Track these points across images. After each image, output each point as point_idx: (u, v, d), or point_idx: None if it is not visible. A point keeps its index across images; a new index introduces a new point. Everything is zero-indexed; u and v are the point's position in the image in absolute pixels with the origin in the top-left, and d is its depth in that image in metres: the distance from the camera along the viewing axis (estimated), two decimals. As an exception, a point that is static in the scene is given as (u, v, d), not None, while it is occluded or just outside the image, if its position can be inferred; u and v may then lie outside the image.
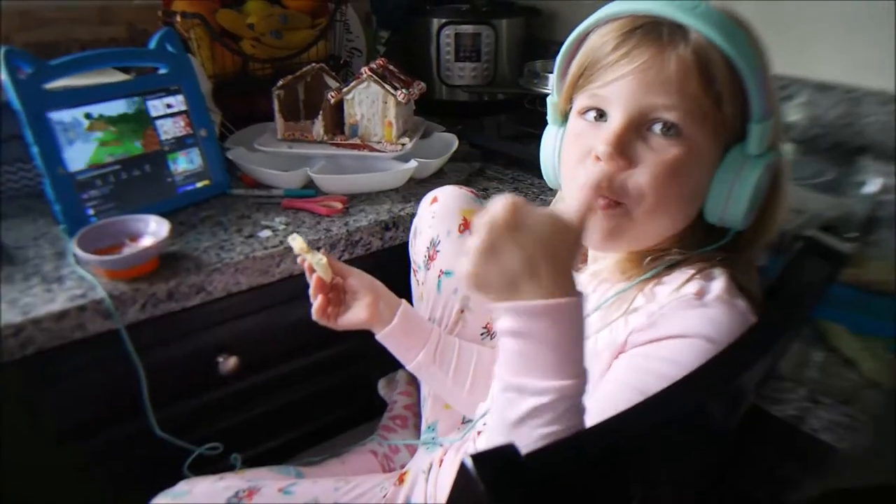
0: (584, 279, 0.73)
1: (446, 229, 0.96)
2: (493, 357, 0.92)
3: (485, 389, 0.92)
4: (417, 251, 1.01)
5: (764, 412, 0.71)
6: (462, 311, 0.96)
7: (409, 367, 0.91)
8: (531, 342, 0.51)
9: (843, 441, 0.66)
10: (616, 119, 0.63)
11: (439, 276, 0.97)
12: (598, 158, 0.63)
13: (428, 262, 0.98)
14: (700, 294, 0.61)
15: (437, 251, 0.96)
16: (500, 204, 0.51)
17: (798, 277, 0.67)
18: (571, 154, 0.68)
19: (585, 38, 0.68)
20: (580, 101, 0.67)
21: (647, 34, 0.61)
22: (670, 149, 0.61)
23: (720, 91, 0.60)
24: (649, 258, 0.67)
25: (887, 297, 0.82)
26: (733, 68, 0.60)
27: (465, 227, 0.95)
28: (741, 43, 0.60)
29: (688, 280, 0.63)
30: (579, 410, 0.52)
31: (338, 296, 0.88)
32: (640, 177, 0.62)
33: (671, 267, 0.65)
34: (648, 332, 0.61)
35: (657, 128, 0.62)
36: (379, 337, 0.89)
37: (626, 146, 0.62)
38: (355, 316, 0.87)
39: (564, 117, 0.72)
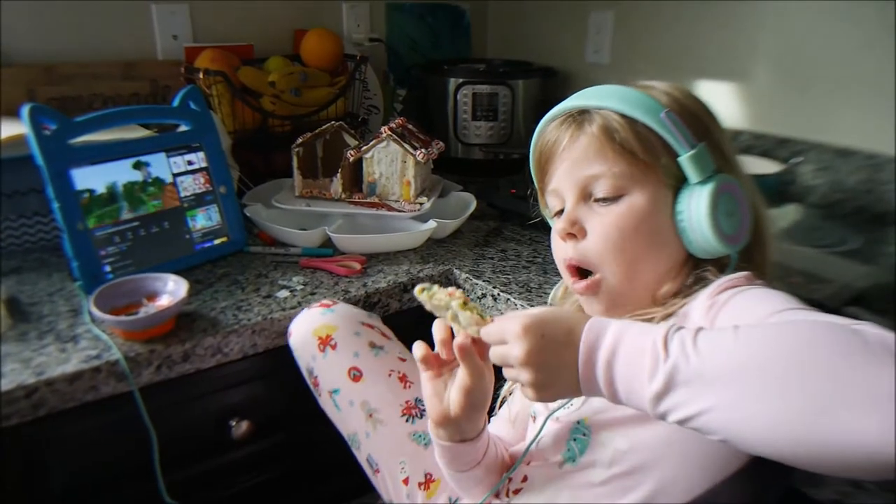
0: None
1: (310, 355, 0.94)
2: (498, 440, 0.87)
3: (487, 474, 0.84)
4: (307, 380, 0.98)
5: (803, 495, 0.68)
6: (371, 416, 0.92)
7: (455, 476, 0.81)
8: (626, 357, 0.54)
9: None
10: (568, 201, 0.73)
11: (330, 396, 0.94)
12: (561, 238, 0.74)
13: (315, 388, 0.95)
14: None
15: (316, 377, 0.94)
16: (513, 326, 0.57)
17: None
18: (553, 245, 0.77)
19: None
20: (549, 203, 0.78)
21: (563, 125, 0.73)
22: (612, 211, 0.70)
23: (632, 148, 0.68)
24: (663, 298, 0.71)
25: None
26: (641, 125, 0.68)
27: (323, 343, 0.92)
28: (635, 100, 0.69)
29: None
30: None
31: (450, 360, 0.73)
32: (595, 242, 0.70)
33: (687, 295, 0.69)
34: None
35: (597, 196, 0.71)
36: (445, 443, 0.77)
37: (577, 220, 0.72)
38: (455, 394, 0.72)
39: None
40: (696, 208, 0.67)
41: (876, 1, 1.18)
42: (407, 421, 0.93)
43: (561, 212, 0.75)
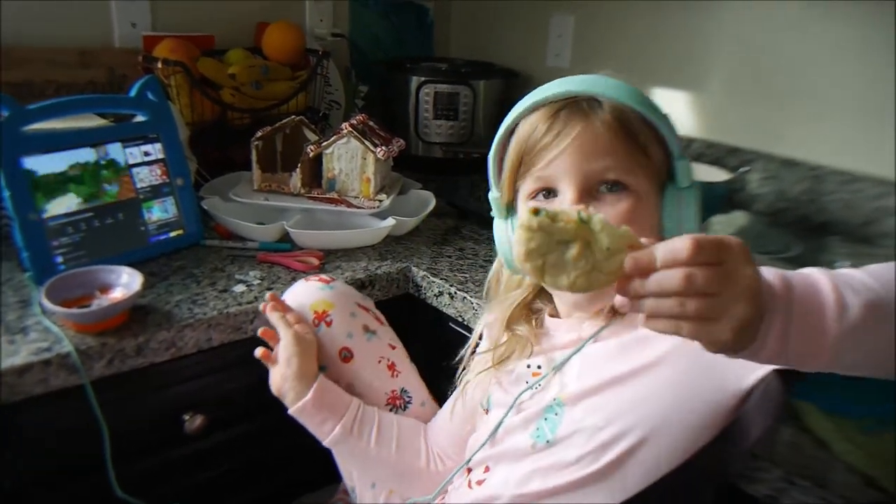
0: (587, 327, 0.74)
1: None
2: (413, 424, 0.92)
3: (412, 456, 0.90)
4: None
5: (738, 490, 0.72)
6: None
7: (326, 442, 0.88)
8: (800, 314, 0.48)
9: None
10: (567, 191, 0.69)
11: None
12: None
13: None
14: None
15: None
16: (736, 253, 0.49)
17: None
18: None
19: (513, 132, 0.75)
20: (527, 186, 0.73)
21: (570, 111, 0.70)
22: (621, 202, 0.69)
23: (644, 141, 0.69)
24: None
25: (859, 376, 0.84)
26: (645, 120, 0.69)
27: (319, 318, 0.93)
28: (643, 99, 0.70)
29: None
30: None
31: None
32: None
33: None
34: None
35: (604, 187, 0.69)
36: (291, 412, 0.87)
37: None
38: (272, 376, 0.90)
39: (508, 209, 0.77)
40: (687, 210, 0.69)
41: (828, 18, 1.24)
42: (391, 410, 0.94)
43: (538, 193, 0.72)
